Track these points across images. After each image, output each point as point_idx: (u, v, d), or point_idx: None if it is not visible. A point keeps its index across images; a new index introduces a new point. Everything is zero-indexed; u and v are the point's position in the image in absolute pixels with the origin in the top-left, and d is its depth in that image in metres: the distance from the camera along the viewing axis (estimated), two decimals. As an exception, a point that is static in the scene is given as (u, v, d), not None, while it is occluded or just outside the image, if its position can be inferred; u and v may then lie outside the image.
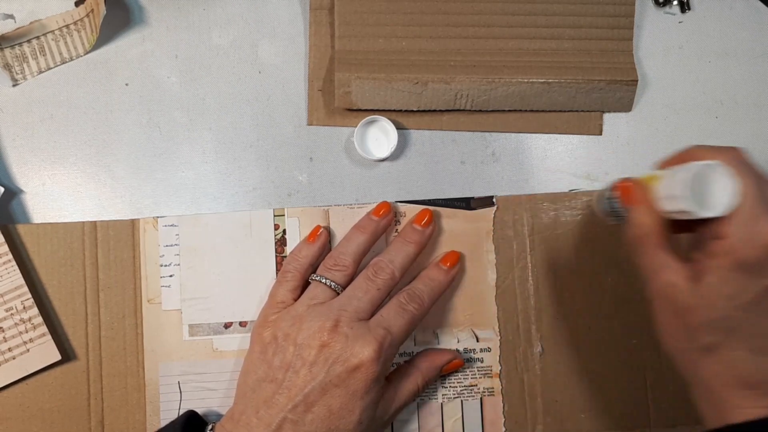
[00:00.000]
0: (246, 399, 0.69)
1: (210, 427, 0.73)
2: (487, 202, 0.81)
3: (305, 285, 0.76)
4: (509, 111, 0.83)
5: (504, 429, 0.79)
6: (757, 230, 0.57)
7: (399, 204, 0.80)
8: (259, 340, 0.72)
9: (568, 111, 0.83)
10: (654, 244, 0.63)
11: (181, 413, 0.77)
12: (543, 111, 0.83)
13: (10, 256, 0.76)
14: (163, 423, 0.78)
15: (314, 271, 0.77)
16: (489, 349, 0.80)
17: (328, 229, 0.79)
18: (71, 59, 0.82)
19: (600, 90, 0.81)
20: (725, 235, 0.58)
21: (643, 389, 0.80)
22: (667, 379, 0.80)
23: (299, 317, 0.70)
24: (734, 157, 0.60)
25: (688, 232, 0.64)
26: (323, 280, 0.73)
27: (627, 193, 0.68)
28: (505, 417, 0.79)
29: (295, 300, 0.74)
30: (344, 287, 0.74)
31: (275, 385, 0.68)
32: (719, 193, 0.59)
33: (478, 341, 0.80)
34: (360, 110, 0.82)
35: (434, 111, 0.82)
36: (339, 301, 0.72)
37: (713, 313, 0.60)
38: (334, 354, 0.67)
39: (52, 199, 0.81)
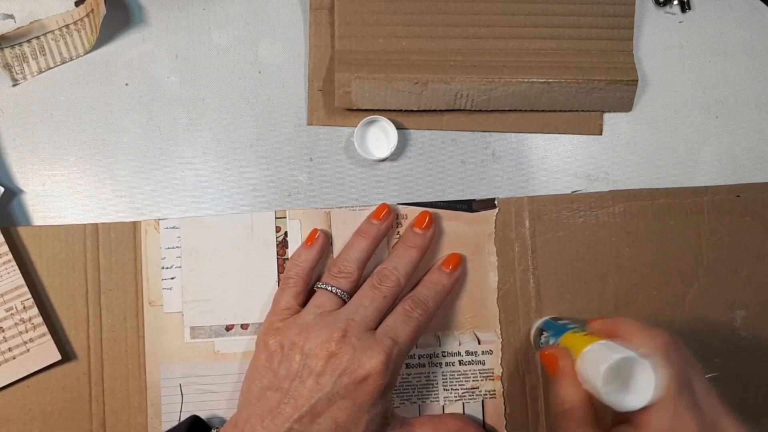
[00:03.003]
0: (251, 407, 0.69)
1: (214, 431, 0.73)
2: (488, 204, 0.81)
3: (308, 289, 0.76)
4: (509, 111, 0.83)
5: (505, 431, 0.80)
6: (678, 426, 0.58)
7: (400, 206, 0.80)
8: (265, 347, 0.72)
9: (568, 111, 0.83)
10: (577, 420, 0.63)
11: (182, 415, 0.78)
12: (543, 111, 0.83)
13: (11, 256, 0.76)
14: (165, 426, 0.78)
15: (316, 275, 0.77)
16: (490, 352, 0.80)
17: (325, 232, 0.79)
18: (71, 59, 0.82)
19: (600, 90, 0.81)
20: (644, 425, 0.59)
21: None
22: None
23: (306, 326, 0.70)
24: (661, 345, 0.61)
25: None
26: (329, 288, 0.73)
27: (552, 363, 0.68)
28: (506, 419, 0.79)
29: (300, 306, 0.74)
30: (350, 294, 0.74)
31: (281, 395, 0.68)
32: (637, 383, 0.59)
33: (479, 344, 0.80)
34: (360, 110, 0.82)
35: (434, 111, 0.82)
36: (346, 310, 0.72)
37: None
38: (342, 365, 0.67)
39: (52, 199, 0.81)
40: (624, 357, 0.59)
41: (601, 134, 0.84)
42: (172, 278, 0.79)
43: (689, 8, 0.85)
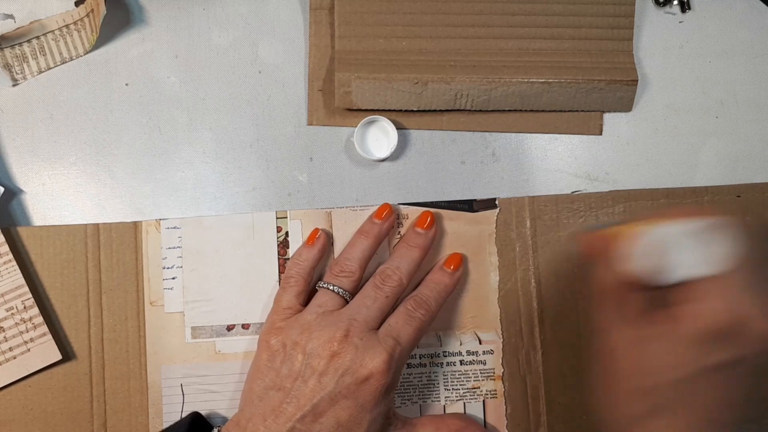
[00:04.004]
0: (252, 406, 0.69)
1: (216, 430, 0.73)
2: (489, 204, 0.81)
3: (309, 289, 0.76)
4: (509, 111, 0.83)
5: (506, 431, 0.80)
6: (710, 307, 0.57)
7: (401, 206, 0.80)
8: (267, 347, 0.72)
9: (568, 111, 0.83)
10: (609, 302, 0.63)
11: (183, 415, 0.78)
12: (543, 111, 0.83)
13: (11, 256, 0.76)
14: (166, 426, 0.78)
15: (317, 275, 0.77)
16: (492, 352, 0.80)
17: (326, 231, 0.79)
18: (71, 59, 0.82)
19: (600, 90, 0.81)
20: (675, 306, 0.58)
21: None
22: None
23: (308, 325, 0.70)
24: (706, 223, 0.60)
25: (648, 291, 0.63)
26: (331, 287, 0.74)
27: (589, 246, 0.67)
28: (507, 419, 0.79)
29: (301, 305, 0.74)
30: (352, 293, 0.74)
31: (283, 394, 0.68)
32: (679, 261, 0.58)
33: (480, 343, 0.80)
34: (360, 110, 0.82)
35: (434, 111, 0.82)
36: (348, 310, 0.72)
37: (648, 382, 0.60)
38: (345, 364, 0.67)
39: (52, 199, 0.81)
40: (663, 231, 0.58)
41: (601, 134, 0.84)
42: (173, 278, 0.79)
43: (689, 8, 0.85)
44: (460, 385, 0.80)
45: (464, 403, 0.79)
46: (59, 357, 0.77)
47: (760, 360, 0.59)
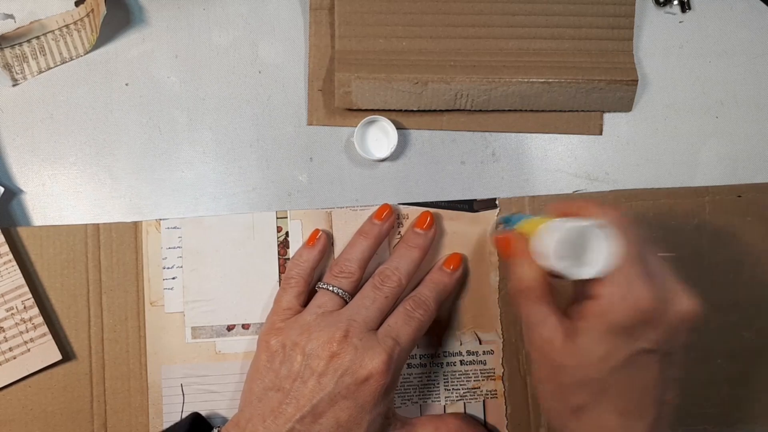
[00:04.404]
0: (252, 407, 0.69)
1: (215, 430, 0.73)
2: (489, 204, 0.81)
3: (309, 289, 0.76)
4: (509, 111, 0.83)
5: (507, 431, 0.80)
6: (629, 293, 0.58)
7: (401, 206, 0.80)
8: (266, 348, 0.72)
9: (568, 111, 0.83)
10: (534, 298, 0.64)
11: (184, 416, 0.78)
12: (543, 111, 0.83)
13: (11, 256, 0.76)
14: (166, 426, 0.78)
15: (317, 276, 0.77)
16: (492, 352, 0.80)
17: (327, 232, 0.79)
18: (71, 59, 0.82)
19: (600, 90, 0.81)
20: (599, 296, 0.59)
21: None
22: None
23: (308, 326, 0.70)
24: (612, 217, 0.61)
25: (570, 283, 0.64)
26: (330, 288, 0.73)
27: (506, 246, 0.68)
28: (507, 419, 0.79)
29: (301, 306, 0.74)
30: (351, 294, 0.74)
31: (282, 395, 0.68)
32: (595, 254, 0.59)
33: (480, 344, 0.80)
34: (360, 110, 0.82)
35: (434, 111, 0.82)
36: (348, 310, 0.72)
37: (584, 373, 0.61)
38: (344, 365, 0.67)
39: (52, 199, 0.81)
40: (577, 226, 0.59)
41: (601, 134, 0.84)
42: (174, 278, 0.79)
43: (689, 8, 0.85)
44: (461, 385, 0.80)
45: (464, 403, 0.80)
46: (59, 357, 0.77)
47: (682, 337, 0.62)
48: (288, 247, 0.80)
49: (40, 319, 0.76)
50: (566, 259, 0.59)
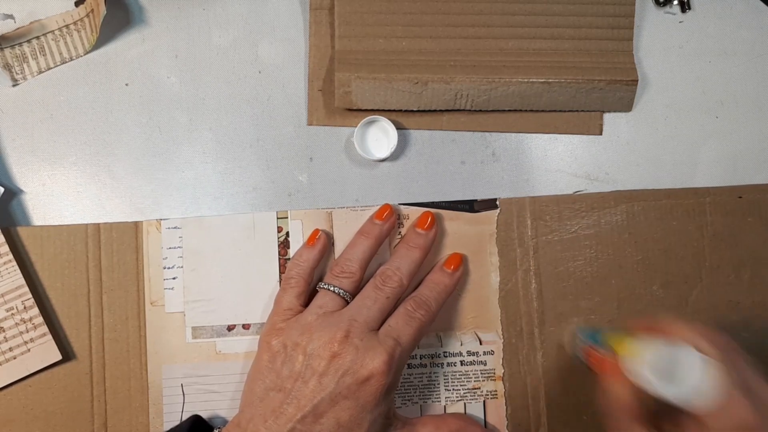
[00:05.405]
0: (253, 407, 0.69)
1: (216, 431, 0.73)
2: (490, 204, 0.81)
3: (310, 290, 0.76)
4: (509, 111, 0.83)
5: None
6: (734, 415, 0.57)
7: (402, 207, 0.80)
8: (268, 348, 0.72)
9: (568, 111, 0.83)
10: (628, 416, 0.63)
11: (184, 416, 0.78)
12: (543, 111, 0.83)
13: (11, 256, 0.76)
14: (167, 426, 0.78)
15: (317, 276, 0.78)
16: (492, 352, 0.80)
17: (326, 232, 0.80)
18: (71, 59, 0.82)
19: (600, 90, 0.81)
20: (702, 421, 0.58)
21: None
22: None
23: (309, 326, 0.70)
24: (721, 345, 0.60)
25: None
26: (331, 288, 0.74)
27: (599, 363, 0.68)
28: (508, 420, 0.79)
29: (302, 306, 0.75)
30: (352, 294, 0.74)
31: (283, 395, 0.68)
32: (687, 374, 0.58)
33: (481, 344, 0.80)
34: (360, 110, 0.82)
35: (434, 111, 0.82)
36: (349, 311, 0.72)
37: None
38: (345, 365, 0.67)
39: (52, 199, 0.81)
40: (687, 353, 0.58)
41: (601, 134, 0.84)
42: (174, 278, 0.79)
43: (689, 8, 0.85)
44: (461, 385, 0.80)
45: (465, 404, 0.80)
46: (59, 357, 0.77)
47: None
48: (288, 247, 0.80)
49: (40, 319, 0.76)
50: (666, 386, 0.58)
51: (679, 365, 0.59)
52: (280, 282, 0.79)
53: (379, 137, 0.82)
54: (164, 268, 0.79)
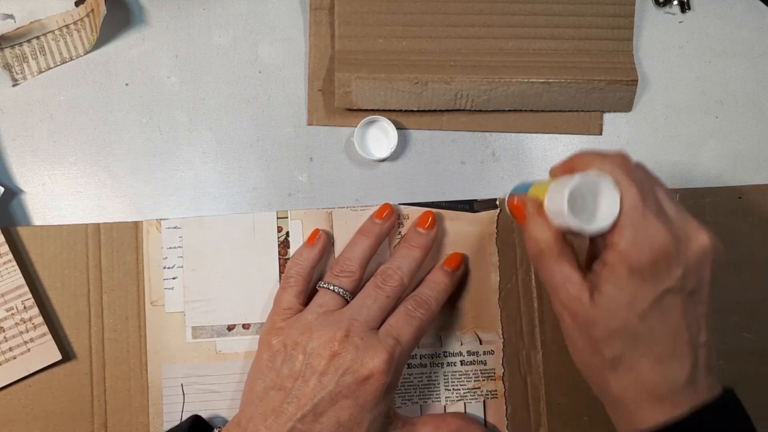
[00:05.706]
0: (253, 406, 0.69)
1: (216, 431, 0.73)
2: (490, 204, 0.81)
3: (309, 289, 0.76)
4: (509, 111, 0.83)
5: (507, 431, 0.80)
6: (644, 234, 0.57)
7: (402, 207, 0.80)
8: (268, 347, 0.72)
9: (568, 111, 0.83)
10: (553, 258, 0.63)
11: (184, 416, 0.78)
12: (543, 111, 0.83)
13: (11, 256, 0.76)
14: (167, 425, 0.78)
15: (317, 275, 0.78)
16: (492, 352, 0.80)
17: (327, 232, 0.80)
18: (71, 59, 0.82)
19: (600, 90, 0.81)
20: (616, 243, 0.58)
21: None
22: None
23: (309, 326, 0.70)
24: (615, 163, 0.60)
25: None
26: (331, 287, 0.74)
27: (520, 210, 0.68)
28: (508, 420, 0.79)
29: (302, 305, 0.75)
30: (352, 293, 0.74)
31: (284, 394, 0.68)
32: (603, 205, 0.59)
33: (481, 344, 0.80)
34: (360, 110, 0.82)
35: (434, 111, 0.82)
36: (349, 310, 0.72)
37: (613, 323, 0.60)
38: (345, 364, 0.67)
39: (52, 199, 0.81)
40: (582, 179, 0.58)
41: (601, 134, 0.84)
42: (174, 278, 0.79)
43: (689, 8, 0.85)
44: (461, 385, 0.80)
45: (465, 404, 0.79)
46: (59, 357, 0.77)
47: (705, 273, 0.61)
48: (288, 247, 0.80)
49: (40, 319, 0.76)
50: (579, 215, 0.58)
51: (594, 196, 0.59)
52: (280, 282, 0.79)
53: (379, 137, 0.82)
54: (164, 268, 0.79)
